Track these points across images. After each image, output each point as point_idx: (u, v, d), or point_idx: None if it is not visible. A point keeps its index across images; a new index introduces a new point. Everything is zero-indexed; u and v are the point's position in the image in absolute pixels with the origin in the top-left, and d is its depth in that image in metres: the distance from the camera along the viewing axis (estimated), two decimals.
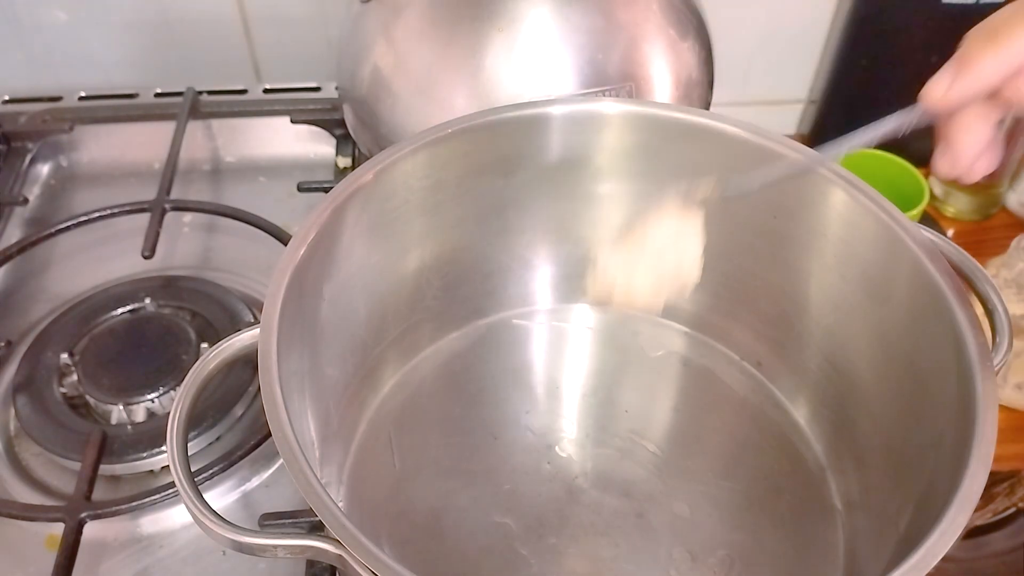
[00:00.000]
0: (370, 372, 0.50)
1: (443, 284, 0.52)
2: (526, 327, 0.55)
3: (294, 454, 0.34)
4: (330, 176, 0.68)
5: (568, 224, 0.53)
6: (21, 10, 0.74)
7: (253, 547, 0.34)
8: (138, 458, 0.50)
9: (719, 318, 0.53)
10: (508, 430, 0.49)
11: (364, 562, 0.31)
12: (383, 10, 0.55)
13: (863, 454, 0.46)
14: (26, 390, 0.53)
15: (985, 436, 0.34)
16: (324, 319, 0.44)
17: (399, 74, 0.55)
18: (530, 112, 0.48)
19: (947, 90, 0.32)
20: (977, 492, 0.33)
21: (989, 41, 0.31)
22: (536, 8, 0.52)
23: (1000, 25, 0.31)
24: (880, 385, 0.45)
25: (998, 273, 0.64)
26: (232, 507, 0.50)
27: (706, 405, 0.52)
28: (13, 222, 0.66)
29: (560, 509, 0.47)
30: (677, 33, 0.55)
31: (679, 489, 0.47)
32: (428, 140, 0.46)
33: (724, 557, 0.45)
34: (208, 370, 0.39)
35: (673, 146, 0.48)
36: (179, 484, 0.35)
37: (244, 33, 0.76)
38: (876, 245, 0.43)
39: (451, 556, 0.45)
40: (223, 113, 0.71)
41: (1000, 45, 0.30)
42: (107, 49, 0.76)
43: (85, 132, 0.71)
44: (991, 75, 0.31)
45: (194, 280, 0.60)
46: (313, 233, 0.42)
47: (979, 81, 0.31)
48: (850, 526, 0.45)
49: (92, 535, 0.47)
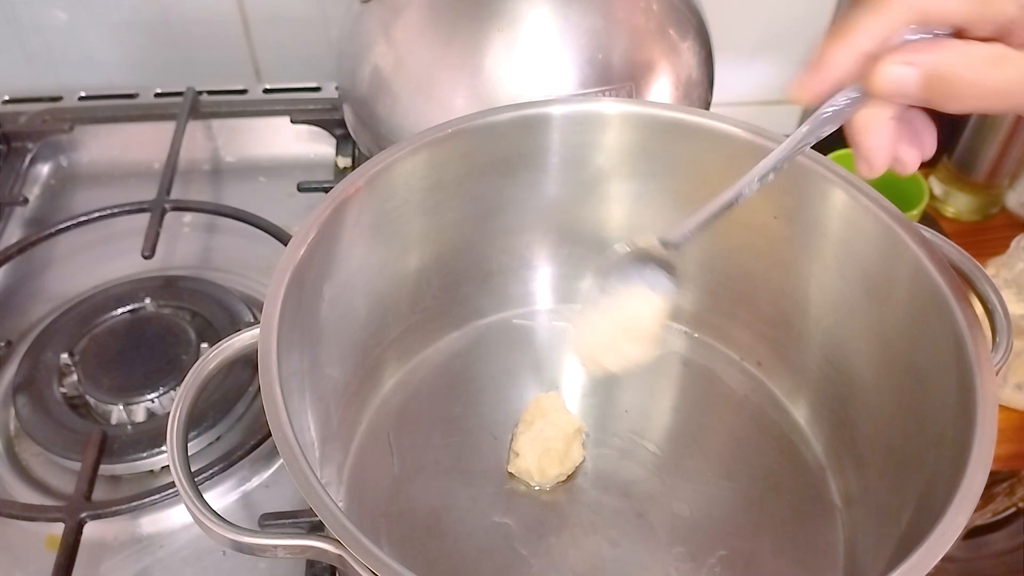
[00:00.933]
0: (370, 372, 0.50)
1: (443, 284, 0.52)
2: (526, 327, 0.55)
3: (294, 454, 0.34)
4: (330, 176, 0.68)
5: (568, 224, 0.53)
6: (21, 10, 0.74)
7: (253, 547, 0.34)
8: (138, 458, 0.50)
9: (719, 318, 0.53)
10: (508, 430, 0.49)
11: (364, 562, 0.31)
12: (383, 10, 0.55)
13: (863, 454, 0.46)
14: (26, 390, 0.53)
15: (985, 436, 0.34)
16: (324, 319, 0.44)
17: (399, 74, 0.55)
18: (530, 112, 0.48)
19: (804, 85, 0.34)
20: (977, 492, 0.33)
21: (836, 35, 0.33)
22: (536, 8, 0.52)
23: (847, 20, 0.33)
24: (880, 385, 0.45)
25: (998, 273, 0.64)
26: (232, 507, 0.50)
27: (706, 405, 0.52)
28: (13, 222, 0.66)
29: (560, 509, 0.47)
30: (677, 33, 0.55)
31: (679, 489, 0.47)
32: (428, 140, 0.46)
33: (724, 557, 0.45)
34: (208, 370, 0.39)
35: (673, 146, 0.48)
36: (179, 484, 0.35)
37: (244, 33, 0.76)
38: (876, 245, 0.43)
39: (451, 556, 0.45)
40: (223, 113, 0.72)
41: (846, 37, 0.33)
42: (107, 49, 0.76)
43: (85, 132, 0.71)
44: (841, 64, 0.33)
45: (194, 280, 0.60)
46: (313, 233, 0.42)
47: (832, 71, 0.33)
48: (850, 525, 0.45)
49: (92, 535, 0.47)
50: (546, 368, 0.54)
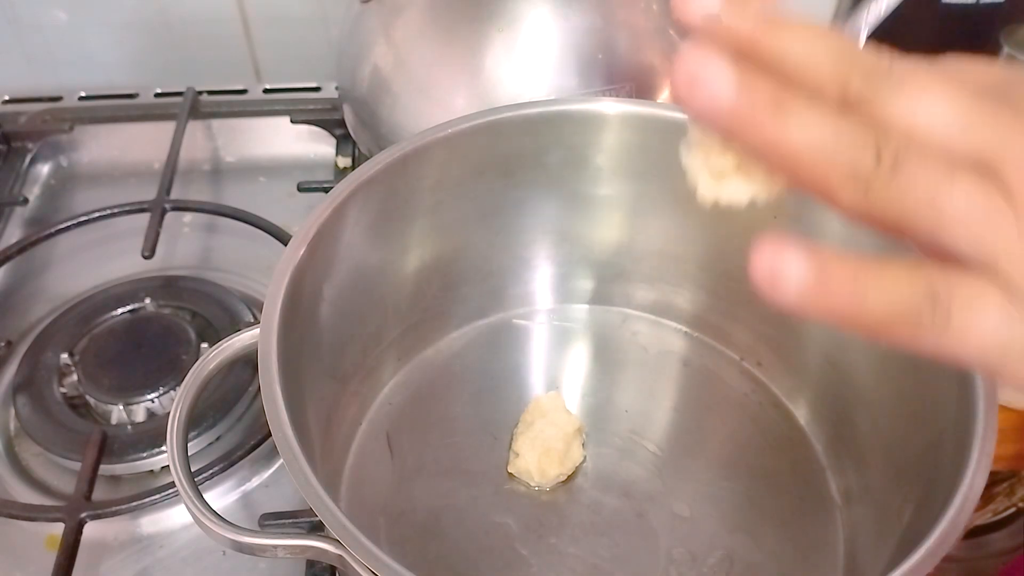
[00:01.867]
0: (370, 372, 0.50)
1: (443, 284, 0.52)
2: (526, 327, 0.55)
3: (294, 454, 0.34)
4: (330, 176, 0.68)
5: (568, 224, 0.53)
6: (21, 10, 0.74)
7: (253, 547, 0.34)
8: (138, 458, 0.50)
9: (719, 318, 0.53)
10: (508, 430, 0.49)
11: (364, 562, 0.31)
12: (383, 10, 0.55)
13: (863, 454, 0.46)
14: (26, 390, 0.53)
15: (985, 436, 0.34)
16: (324, 319, 0.44)
17: (399, 74, 0.55)
18: (530, 112, 0.48)
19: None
20: (977, 492, 0.33)
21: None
22: (536, 8, 0.52)
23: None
24: (880, 385, 0.45)
25: None
26: (232, 507, 0.50)
27: (706, 405, 0.52)
28: (13, 222, 0.66)
29: (560, 509, 0.47)
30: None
31: (679, 489, 0.47)
32: (428, 140, 0.46)
33: (724, 557, 0.45)
34: (208, 370, 0.39)
35: (673, 146, 0.48)
36: (179, 484, 0.35)
37: (244, 33, 0.76)
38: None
39: (451, 556, 0.45)
40: (223, 113, 0.71)
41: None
42: (107, 49, 0.76)
43: (85, 132, 0.71)
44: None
45: (194, 280, 0.60)
46: (313, 233, 0.42)
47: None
48: (850, 525, 0.45)
49: (92, 535, 0.47)
50: (546, 368, 0.54)
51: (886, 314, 0.22)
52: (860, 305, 0.22)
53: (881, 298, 0.22)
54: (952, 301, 0.21)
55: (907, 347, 0.22)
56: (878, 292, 0.22)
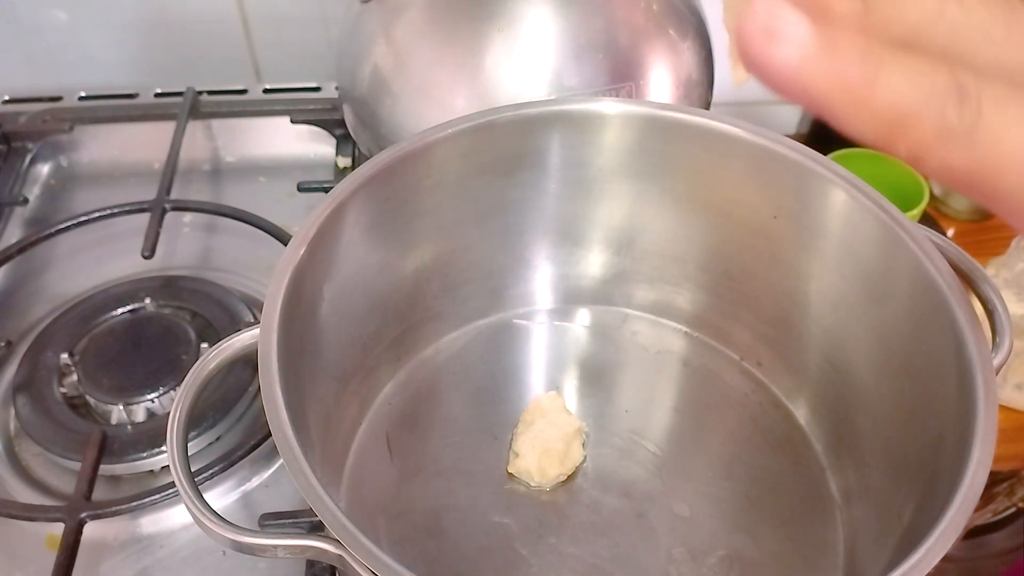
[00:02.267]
0: (370, 372, 0.50)
1: (443, 284, 0.52)
2: (526, 327, 0.55)
3: (294, 454, 0.34)
4: (330, 176, 0.68)
5: (568, 224, 0.53)
6: (21, 10, 0.74)
7: (253, 547, 0.34)
8: (138, 458, 0.50)
9: (719, 318, 0.53)
10: (508, 430, 0.49)
11: (364, 562, 0.31)
12: (383, 10, 0.55)
13: (863, 453, 0.46)
14: (26, 390, 0.53)
15: (985, 436, 0.34)
16: (324, 319, 0.44)
17: (399, 74, 0.54)
18: (530, 112, 0.48)
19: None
20: (977, 492, 0.33)
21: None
22: (536, 8, 0.52)
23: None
24: (880, 385, 0.45)
25: (998, 273, 0.64)
26: (232, 507, 0.50)
27: (706, 405, 0.52)
28: (13, 222, 0.66)
29: (560, 509, 0.47)
30: (677, 33, 0.55)
31: (679, 489, 0.47)
32: (428, 140, 0.46)
33: (724, 557, 0.45)
34: (208, 370, 0.39)
35: (673, 146, 0.48)
36: (179, 484, 0.35)
37: (244, 33, 0.76)
38: (876, 245, 0.43)
39: (451, 556, 0.45)
40: (223, 113, 0.72)
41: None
42: (107, 49, 0.76)
43: (85, 132, 0.71)
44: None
45: (194, 280, 0.60)
46: (313, 233, 0.42)
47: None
48: (850, 525, 0.45)
49: (92, 535, 0.47)
50: (546, 368, 0.54)
51: (901, 102, 0.18)
52: (870, 85, 0.18)
53: (895, 80, 0.18)
54: (983, 95, 0.18)
55: (928, 162, 0.19)
56: (892, 72, 0.18)
